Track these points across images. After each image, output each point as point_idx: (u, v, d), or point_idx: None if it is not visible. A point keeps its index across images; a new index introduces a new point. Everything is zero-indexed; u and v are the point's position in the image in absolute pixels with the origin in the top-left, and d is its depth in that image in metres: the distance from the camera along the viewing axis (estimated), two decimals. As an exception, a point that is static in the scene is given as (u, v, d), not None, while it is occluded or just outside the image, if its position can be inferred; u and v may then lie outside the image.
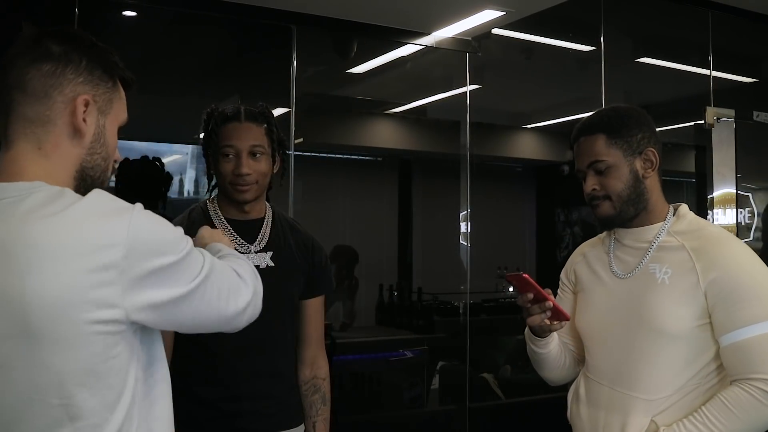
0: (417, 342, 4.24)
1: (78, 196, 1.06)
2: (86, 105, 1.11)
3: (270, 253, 1.89)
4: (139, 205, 1.08)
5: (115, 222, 1.03)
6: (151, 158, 3.45)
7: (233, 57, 4.13)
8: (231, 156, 1.85)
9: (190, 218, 1.91)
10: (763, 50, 4.74)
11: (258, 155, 1.86)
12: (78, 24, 3.09)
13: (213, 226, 1.85)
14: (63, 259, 0.99)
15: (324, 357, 2.04)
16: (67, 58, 1.10)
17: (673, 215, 1.68)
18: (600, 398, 1.68)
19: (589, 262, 1.79)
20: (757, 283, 1.55)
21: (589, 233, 1.79)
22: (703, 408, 1.53)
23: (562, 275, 1.88)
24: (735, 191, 4.10)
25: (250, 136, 1.87)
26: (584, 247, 1.86)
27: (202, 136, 1.98)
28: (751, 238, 4.17)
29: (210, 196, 1.98)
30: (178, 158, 4.70)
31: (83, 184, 1.14)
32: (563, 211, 6.33)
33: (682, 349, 1.57)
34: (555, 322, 1.66)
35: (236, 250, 1.82)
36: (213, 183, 1.96)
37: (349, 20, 3.54)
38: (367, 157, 6.03)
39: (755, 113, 4.20)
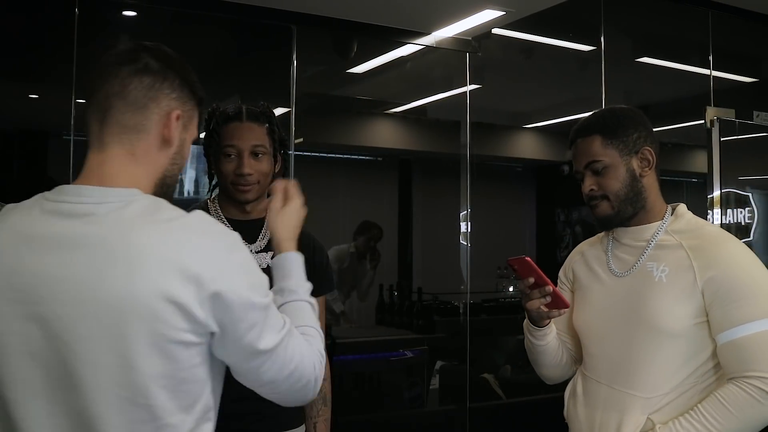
0: (417, 342, 4.24)
1: (178, 209, 1.14)
2: (177, 119, 1.19)
3: (271, 254, 1.86)
4: (236, 235, 1.16)
5: (215, 245, 1.11)
6: None
7: (233, 57, 4.13)
8: (233, 156, 1.85)
9: None
10: (763, 50, 4.74)
11: (260, 155, 1.86)
12: (78, 24, 3.09)
13: None
14: (163, 266, 1.05)
15: (325, 358, 2.04)
16: (164, 74, 1.18)
17: (671, 214, 1.69)
18: (597, 396, 1.69)
19: (587, 261, 1.80)
20: (754, 282, 1.56)
21: (589, 233, 1.79)
22: (699, 406, 1.53)
23: (561, 273, 1.89)
24: (719, 192, 4.10)
25: (252, 136, 1.86)
26: (583, 245, 1.87)
27: (203, 135, 1.97)
28: (751, 238, 4.17)
29: (211, 195, 1.97)
30: (178, 158, 4.71)
31: (161, 191, 1.20)
32: (563, 211, 6.34)
33: (680, 347, 1.58)
34: (554, 310, 1.68)
35: None
36: (214, 182, 1.96)
37: (349, 20, 3.54)
38: (367, 157, 6.03)
39: (755, 113, 4.20)
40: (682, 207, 1.71)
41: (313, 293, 2.00)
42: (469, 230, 4.19)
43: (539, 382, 2.03)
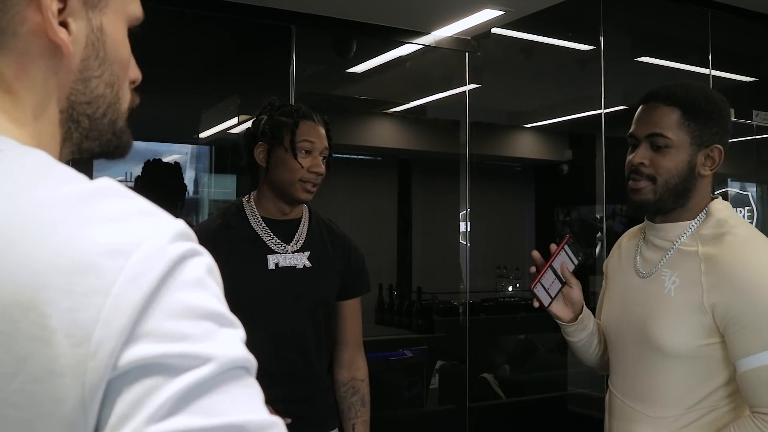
0: (416, 341, 4.24)
1: (70, 173, 0.59)
2: (62, 0, 0.64)
3: (307, 254, 1.88)
4: (181, 232, 0.58)
5: (105, 240, 0.54)
6: (173, 162, 3.45)
7: (233, 56, 4.13)
8: (308, 152, 1.83)
9: (225, 218, 1.88)
10: (762, 49, 4.73)
11: (325, 158, 1.87)
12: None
13: (249, 226, 1.86)
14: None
15: (363, 358, 2.01)
16: None
17: (705, 214, 1.49)
18: (614, 409, 1.58)
19: (621, 255, 1.66)
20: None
21: (589, 233, 1.76)
22: None
23: (603, 266, 1.76)
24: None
25: (323, 138, 1.87)
26: (624, 237, 1.71)
27: (247, 123, 1.90)
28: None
29: (248, 195, 1.92)
30: (178, 158, 4.70)
31: (75, 129, 0.69)
32: (562, 211, 6.33)
33: (687, 368, 1.42)
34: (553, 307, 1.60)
35: (273, 249, 1.83)
36: (256, 180, 1.92)
37: (348, 20, 3.54)
38: (367, 157, 6.03)
39: (755, 112, 4.20)
40: (716, 203, 1.50)
41: (350, 294, 2.00)
42: (468, 230, 4.19)
43: (539, 382, 2.04)
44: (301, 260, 1.86)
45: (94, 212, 0.56)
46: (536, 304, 1.58)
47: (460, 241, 4.25)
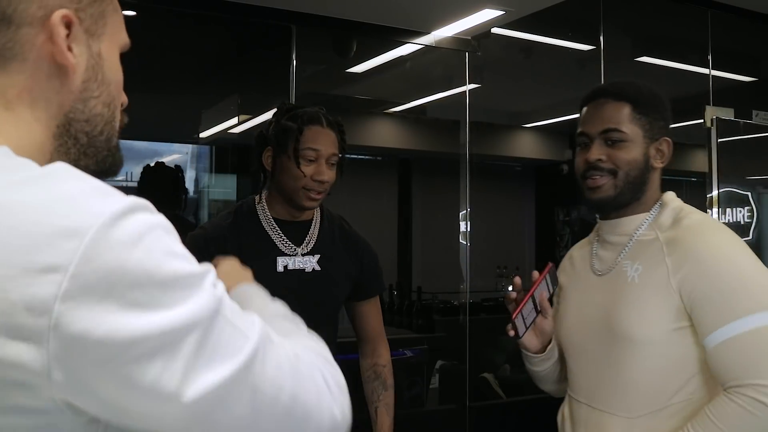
0: (416, 341, 4.24)
1: (25, 161, 0.66)
2: (68, 26, 0.71)
3: (317, 257, 1.85)
4: (132, 204, 0.62)
5: (57, 215, 0.59)
6: (173, 166, 3.46)
7: (233, 56, 4.13)
8: (313, 160, 1.78)
9: (236, 217, 1.85)
10: (762, 49, 4.74)
11: (333, 164, 1.83)
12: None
13: (260, 226, 1.83)
14: None
15: (385, 346, 2.04)
16: None
17: (660, 206, 1.51)
18: (579, 418, 1.50)
19: (573, 263, 1.64)
20: (739, 274, 1.34)
21: (588, 233, 1.74)
22: (688, 425, 1.32)
23: None
24: (718, 191, 4.11)
25: (332, 144, 1.82)
26: (574, 249, 1.70)
27: (268, 129, 1.84)
28: (750, 238, 4.17)
29: (260, 195, 1.89)
30: (178, 158, 4.71)
31: (72, 144, 0.74)
32: (562, 210, 6.34)
33: (659, 357, 1.37)
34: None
35: (283, 252, 1.80)
36: (264, 183, 1.89)
37: (348, 20, 3.54)
38: (367, 157, 6.03)
39: (754, 112, 4.20)
40: (668, 195, 1.53)
41: (366, 295, 2.00)
42: (468, 229, 4.19)
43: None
44: (311, 263, 1.83)
45: (50, 193, 0.60)
46: (511, 334, 1.50)
47: (460, 240, 4.25)
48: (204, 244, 1.70)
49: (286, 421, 0.68)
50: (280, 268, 1.80)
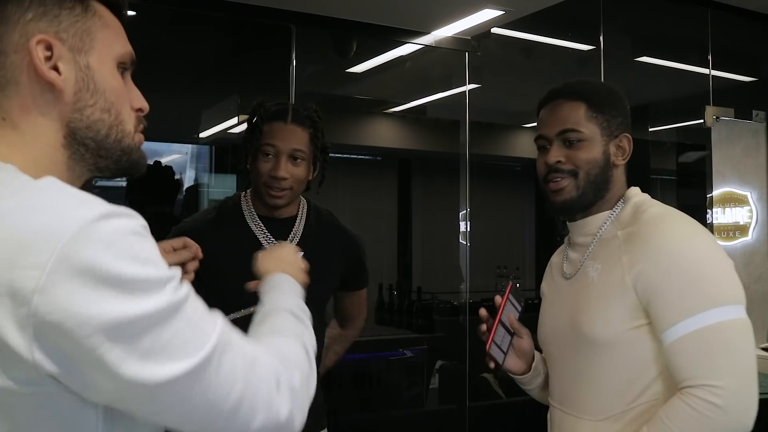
0: (416, 341, 4.24)
1: (22, 177, 0.76)
2: (49, 48, 0.81)
3: (301, 253, 1.85)
4: (109, 211, 0.72)
5: (39, 221, 0.70)
6: (163, 164, 3.46)
7: (233, 56, 4.13)
8: (270, 156, 1.77)
9: (220, 212, 1.85)
10: (762, 49, 4.74)
11: (298, 160, 1.79)
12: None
13: (244, 222, 1.83)
14: None
15: (355, 328, 2.12)
16: (2, 3, 0.81)
17: (623, 202, 1.47)
18: (554, 422, 1.49)
19: (552, 270, 1.62)
20: (690, 271, 1.27)
21: None
22: (644, 428, 1.28)
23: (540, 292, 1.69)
24: (718, 191, 4.11)
25: (294, 140, 1.78)
26: (553, 256, 1.67)
27: (242, 127, 1.89)
28: (749, 238, 4.17)
29: (245, 191, 1.90)
30: (178, 158, 4.70)
31: (84, 151, 0.85)
32: (562, 211, 6.33)
33: (620, 358, 1.33)
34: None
35: (266, 248, 1.82)
36: (248, 179, 1.90)
37: (348, 19, 3.54)
38: (367, 157, 6.03)
39: (754, 112, 4.20)
40: (631, 190, 1.48)
41: (351, 288, 2.02)
42: (468, 229, 4.19)
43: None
44: None
45: (36, 203, 0.72)
46: (492, 366, 1.48)
47: (460, 240, 4.25)
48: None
49: (233, 418, 0.78)
50: None
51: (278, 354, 0.86)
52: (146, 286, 0.72)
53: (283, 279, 1.11)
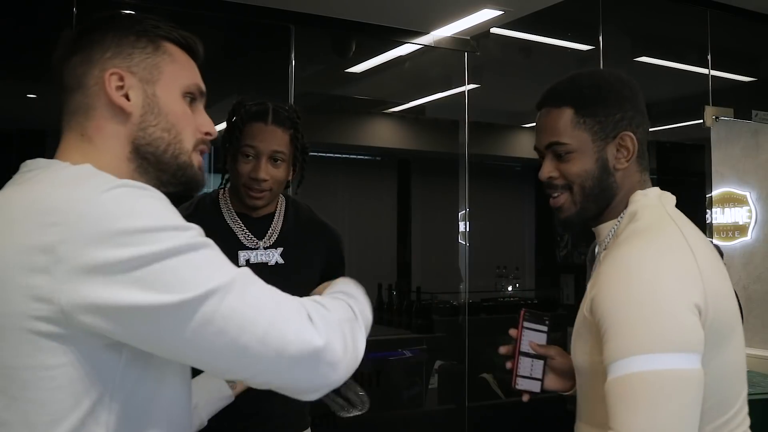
0: (416, 341, 4.24)
1: (66, 167, 0.96)
2: (121, 79, 1.00)
3: (280, 250, 1.83)
4: (123, 182, 0.90)
5: (68, 194, 0.88)
6: None
7: (232, 56, 4.12)
8: (250, 157, 1.76)
9: (197, 208, 1.84)
10: (761, 49, 4.74)
11: (278, 161, 1.78)
12: (76, 24, 3.09)
13: (222, 219, 1.81)
14: (9, 230, 0.88)
15: None
16: (90, 42, 1.02)
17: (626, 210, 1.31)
18: None
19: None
20: (628, 309, 1.12)
21: (588, 233, 1.70)
22: None
23: None
24: (718, 191, 4.11)
25: (274, 141, 1.77)
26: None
27: (222, 126, 1.85)
28: (748, 238, 4.17)
29: (223, 188, 1.89)
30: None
31: (146, 164, 1.02)
32: (562, 211, 6.33)
33: (599, 388, 1.17)
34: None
35: (245, 245, 1.80)
36: (226, 177, 1.88)
37: (347, 20, 3.54)
38: (366, 157, 6.03)
39: (754, 112, 4.20)
40: (634, 196, 1.30)
41: (331, 277, 1.99)
42: (467, 229, 4.19)
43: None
44: (274, 257, 1.81)
45: (66, 179, 0.91)
46: (526, 398, 1.41)
47: (460, 240, 4.25)
48: None
49: (265, 343, 0.87)
50: (241, 262, 1.77)
51: (311, 299, 0.98)
52: (154, 230, 0.85)
53: (344, 283, 1.15)
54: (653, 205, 1.27)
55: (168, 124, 1.02)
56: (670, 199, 1.31)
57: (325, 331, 0.92)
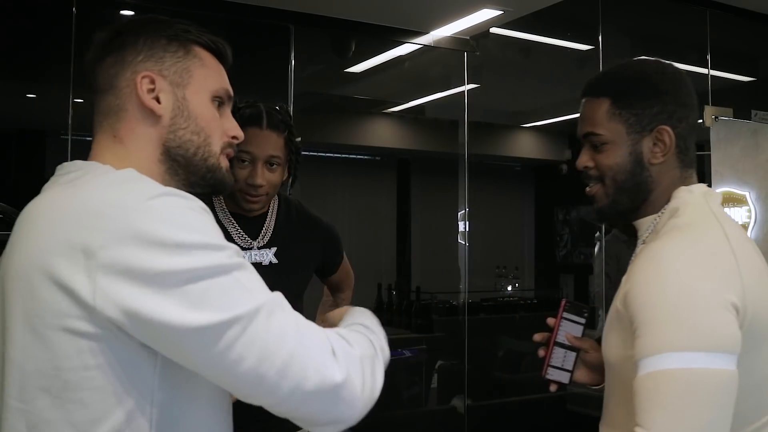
0: (416, 341, 4.24)
1: (110, 171, 0.97)
2: (152, 82, 1.02)
3: (273, 249, 1.82)
4: (168, 191, 0.92)
5: (113, 198, 0.90)
6: None
7: (232, 56, 4.13)
8: (246, 162, 1.74)
9: None
10: (760, 49, 4.74)
11: (274, 165, 1.76)
12: (76, 23, 3.09)
13: (217, 219, 1.79)
14: (51, 230, 0.89)
15: (349, 286, 2.12)
16: (122, 44, 1.03)
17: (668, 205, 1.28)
18: None
19: None
20: (662, 306, 1.10)
21: (588, 233, 1.71)
22: None
23: None
24: (717, 191, 4.11)
25: (270, 146, 1.75)
26: None
27: None
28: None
29: None
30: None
31: (176, 166, 1.04)
32: (562, 210, 6.34)
33: (625, 385, 1.16)
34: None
35: (239, 245, 1.78)
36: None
37: (347, 19, 3.54)
38: (366, 156, 6.03)
39: (753, 112, 4.20)
40: (677, 192, 1.27)
41: (332, 270, 2.02)
42: (467, 229, 4.19)
43: (537, 382, 2.03)
44: (267, 256, 1.81)
45: (112, 182, 0.93)
46: (553, 389, 1.39)
47: (459, 240, 4.25)
48: None
49: (284, 375, 0.87)
50: None
51: (335, 332, 0.96)
52: (193, 247, 0.86)
53: (358, 311, 1.12)
54: (697, 202, 1.23)
55: (197, 127, 1.05)
56: (716, 197, 1.28)
57: (347, 368, 0.91)
